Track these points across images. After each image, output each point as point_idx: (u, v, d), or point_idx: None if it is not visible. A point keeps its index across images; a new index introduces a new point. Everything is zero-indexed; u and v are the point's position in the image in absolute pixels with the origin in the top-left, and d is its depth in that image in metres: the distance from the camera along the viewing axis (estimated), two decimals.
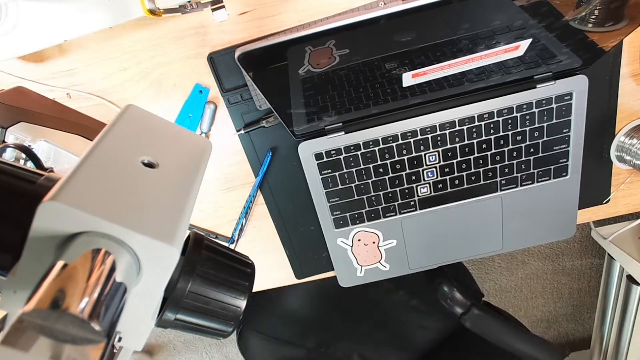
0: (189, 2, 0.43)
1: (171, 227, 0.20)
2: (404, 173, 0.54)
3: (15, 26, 0.44)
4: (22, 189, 0.21)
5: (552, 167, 0.54)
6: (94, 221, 0.18)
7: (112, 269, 0.18)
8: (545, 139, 0.53)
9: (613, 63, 0.50)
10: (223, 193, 0.59)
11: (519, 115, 0.52)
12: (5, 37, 0.44)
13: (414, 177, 0.54)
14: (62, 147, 0.46)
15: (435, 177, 0.54)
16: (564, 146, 0.53)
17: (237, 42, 0.50)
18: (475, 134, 0.53)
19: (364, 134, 0.52)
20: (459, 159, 0.54)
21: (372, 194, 0.55)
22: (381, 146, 0.53)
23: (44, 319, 0.15)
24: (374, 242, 0.58)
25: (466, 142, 0.53)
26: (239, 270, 0.28)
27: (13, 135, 0.44)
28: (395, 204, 0.56)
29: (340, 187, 0.55)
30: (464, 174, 0.54)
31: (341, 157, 0.53)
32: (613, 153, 0.55)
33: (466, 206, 0.56)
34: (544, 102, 0.51)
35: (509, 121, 0.52)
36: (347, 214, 0.56)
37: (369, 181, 0.54)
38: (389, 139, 0.53)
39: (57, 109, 0.52)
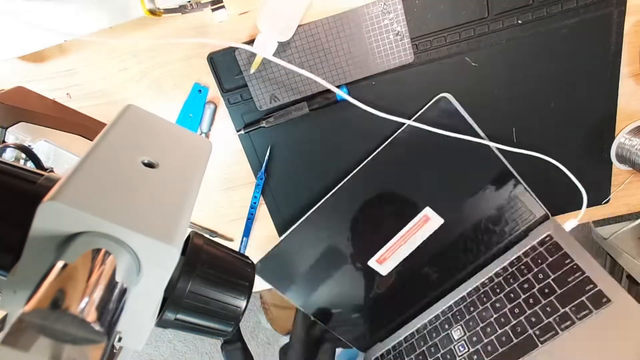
0: (189, 2, 0.43)
1: (171, 227, 0.20)
2: (439, 354, 0.56)
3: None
4: (22, 189, 0.21)
5: (583, 298, 0.49)
6: (94, 221, 0.18)
7: (112, 269, 0.18)
8: (553, 276, 0.52)
9: (613, 63, 0.50)
10: (223, 193, 0.59)
11: (514, 269, 0.56)
12: (5, 37, 0.44)
13: (449, 356, 0.55)
14: (62, 147, 0.46)
15: (467, 350, 0.54)
16: (578, 274, 0.51)
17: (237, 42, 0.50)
18: (485, 298, 0.56)
19: (404, 329, 0.63)
20: (481, 325, 0.55)
21: None
22: (417, 337, 0.60)
23: (44, 319, 0.15)
24: None
25: (480, 307, 0.56)
26: (239, 270, 0.28)
27: (13, 135, 0.44)
28: None
29: None
30: (493, 337, 0.53)
31: (392, 354, 0.62)
32: (613, 153, 0.55)
33: None
34: (529, 250, 0.56)
35: (509, 276, 0.56)
36: None
37: None
38: (420, 328, 0.61)
39: (57, 109, 0.52)
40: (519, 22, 0.48)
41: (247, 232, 0.60)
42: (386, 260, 0.59)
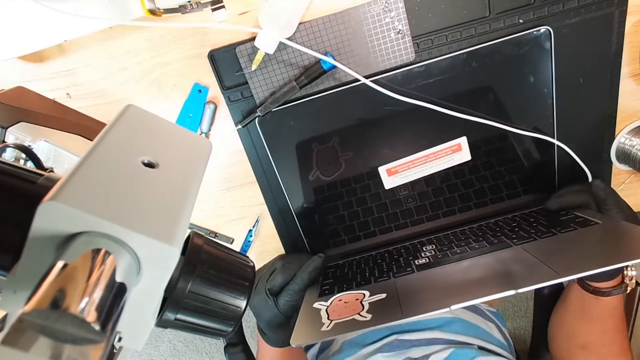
0: (189, 2, 0.43)
1: (171, 227, 0.20)
2: (401, 258, 0.53)
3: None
4: (22, 189, 0.21)
5: (571, 224, 0.47)
6: (94, 221, 0.18)
7: (112, 269, 0.18)
8: (545, 219, 0.50)
9: (613, 63, 0.50)
10: (223, 193, 0.59)
11: (507, 218, 0.54)
12: (5, 37, 0.44)
13: (410, 258, 0.52)
14: (62, 147, 0.46)
15: (433, 254, 0.51)
16: (572, 216, 0.48)
17: (237, 42, 0.50)
18: (468, 232, 0.54)
19: (366, 241, 0.59)
20: (456, 242, 0.52)
21: (367, 272, 0.52)
22: (380, 251, 0.57)
23: (44, 319, 0.15)
24: (357, 299, 0.46)
25: (462, 238, 0.53)
26: (239, 270, 0.28)
27: (13, 135, 0.44)
28: (391, 273, 0.50)
29: (337, 274, 0.54)
30: (465, 246, 0.50)
31: (346, 261, 0.58)
32: (613, 154, 0.55)
33: (479, 259, 0.47)
34: (526, 213, 0.55)
35: (499, 222, 0.54)
36: (336, 287, 0.51)
37: (366, 267, 0.54)
38: (390, 250, 0.57)
39: (57, 109, 0.52)
40: (520, 21, 0.48)
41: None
42: (396, 174, 0.55)
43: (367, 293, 0.47)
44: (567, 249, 0.43)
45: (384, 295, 0.45)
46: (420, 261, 0.50)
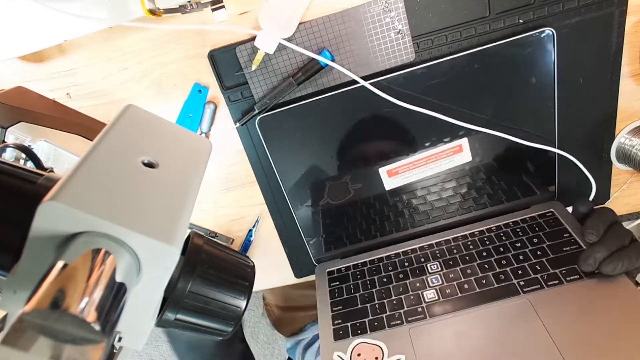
0: (189, 2, 0.43)
1: (171, 227, 0.20)
2: (407, 281, 0.53)
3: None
4: (22, 189, 0.21)
5: (576, 266, 0.48)
6: (94, 221, 0.18)
7: (112, 269, 0.18)
8: (548, 243, 0.51)
9: (613, 63, 0.50)
10: (223, 193, 0.59)
11: (509, 229, 0.55)
12: (5, 37, 0.44)
13: (418, 284, 0.53)
14: (62, 147, 0.46)
15: (440, 283, 0.52)
16: (575, 247, 0.49)
17: (237, 42, 0.50)
18: (471, 246, 0.55)
19: (370, 254, 0.59)
20: (461, 266, 0.53)
21: (376, 302, 0.52)
22: (385, 262, 0.57)
23: (44, 319, 0.15)
24: (376, 358, 0.47)
25: (464, 252, 0.54)
26: (239, 270, 0.28)
27: (13, 135, 0.44)
28: (401, 311, 0.50)
29: (345, 296, 0.54)
30: (472, 278, 0.51)
31: (349, 272, 0.58)
32: (613, 154, 0.55)
33: (490, 310, 0.47)
34: (528, 219, 0.55)
35: (502, 234, 0.55)
36: (349, 324, 0.51)
37: (373, 290, 0.54)
38: (392, 255, 0.58)
39: (57, 109, 0.52)
40: (520, 21, 0.48)
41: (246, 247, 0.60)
42: (397, 175, 0.55)
43: (385, 349, 0.48)
44: (592, 335, 0.42)
45: (402, 358, 0.47)
46: (428, 294, 0.51)
